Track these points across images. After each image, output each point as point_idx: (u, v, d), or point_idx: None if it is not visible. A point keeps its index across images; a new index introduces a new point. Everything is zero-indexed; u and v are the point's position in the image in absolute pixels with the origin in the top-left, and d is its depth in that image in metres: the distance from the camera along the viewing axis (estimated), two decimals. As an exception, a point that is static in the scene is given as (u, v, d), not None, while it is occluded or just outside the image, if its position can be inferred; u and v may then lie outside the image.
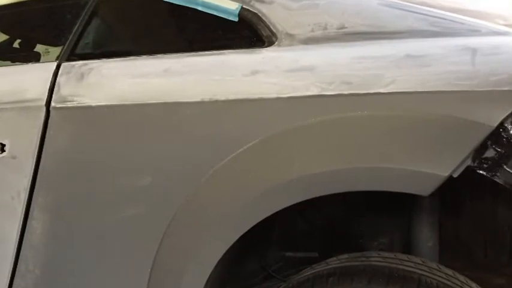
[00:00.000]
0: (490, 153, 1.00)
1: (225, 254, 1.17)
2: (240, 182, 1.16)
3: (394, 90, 1.05)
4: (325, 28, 1.18)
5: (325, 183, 1.10)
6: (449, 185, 1.04)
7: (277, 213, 1.14)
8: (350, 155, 1.08)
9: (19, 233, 1.32)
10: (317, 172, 1.09)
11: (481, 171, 1.00)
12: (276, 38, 1.21)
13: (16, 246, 1.33)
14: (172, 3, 1.36)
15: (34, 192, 1.32)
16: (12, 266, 1.33)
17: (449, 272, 1.11)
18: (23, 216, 1.32)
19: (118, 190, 1.27)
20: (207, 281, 1.18)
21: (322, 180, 1.09)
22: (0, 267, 1.34)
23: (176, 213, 1.19)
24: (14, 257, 1.33)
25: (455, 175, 1.02)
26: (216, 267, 1.17)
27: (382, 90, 1.06)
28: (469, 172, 1.02)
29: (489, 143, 1.00)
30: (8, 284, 1.33)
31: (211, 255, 1.18)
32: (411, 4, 1.18)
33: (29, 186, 1.32)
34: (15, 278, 1.33)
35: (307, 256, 1.29)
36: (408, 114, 1.06)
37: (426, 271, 1.10)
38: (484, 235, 1.17)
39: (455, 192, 1.10)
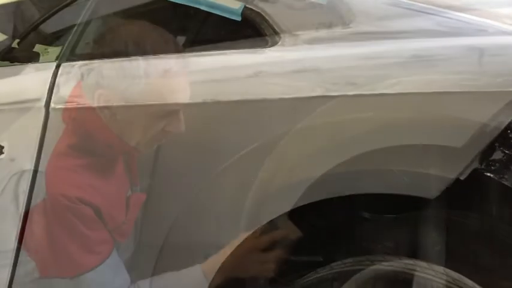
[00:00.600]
0: (497, 155, 0.99)
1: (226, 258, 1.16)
2: (242, 184, 1.15)
3: (400, 91, 1.04)
4: (330, 28, 1.17)
5: (330, 185, 1.09)
6: (455, 188, 1.03)
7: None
8: (355, 157, 1.06)
9: (18, 236, 1.31)
10: (321, 174, 1.08)
11: (488, 174, 1.00)
12: (280, 37, 1.20)
13: (15, 248, 1.31)
14: (174, 2, 1.34)
15: (33, 195, 1.30)
16: (11, 269, 1.32)
17: (456, 275, 1.10)
18: (22, 218, 1.31)
19: (118, 191, 1.25)
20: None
21: (327, 182, 1.08)
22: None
23: (177, 215, 1.18)
24: (13, 260, 1.32)
25: (462, 177, 1.02)
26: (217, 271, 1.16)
27: (387, 91, 1.05)
28: (476, 174, 1.01)
29: (496, 144, 0.99)
30: (7, 287, 1.32)
31: (212, 258, 1.18)
32: (417, 3, 1.16)
33: (28, 188, 1.31)
34: (14, 280, 1.32)
35: (311, 260, 1.28)
36: (414, 115, 1.05)
37: (432, 275, 1.09)
38: (491, 238, 1.16)
39: (461, 195, 1.09)
